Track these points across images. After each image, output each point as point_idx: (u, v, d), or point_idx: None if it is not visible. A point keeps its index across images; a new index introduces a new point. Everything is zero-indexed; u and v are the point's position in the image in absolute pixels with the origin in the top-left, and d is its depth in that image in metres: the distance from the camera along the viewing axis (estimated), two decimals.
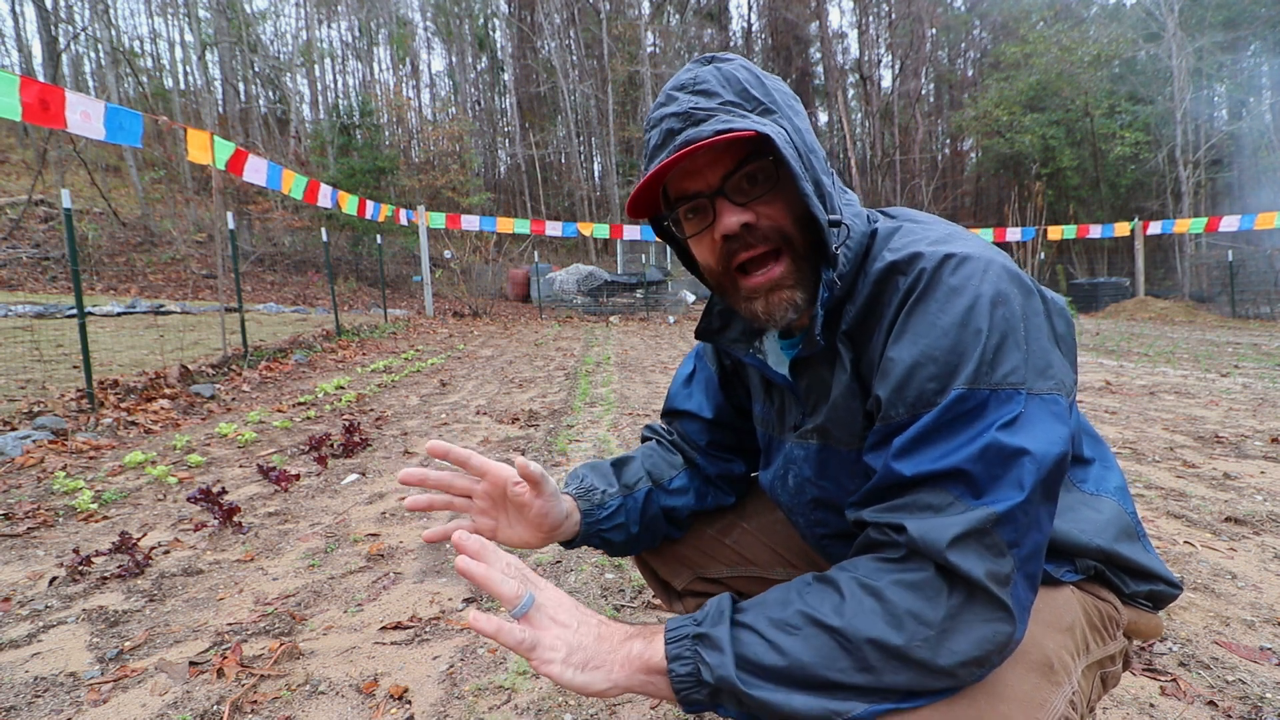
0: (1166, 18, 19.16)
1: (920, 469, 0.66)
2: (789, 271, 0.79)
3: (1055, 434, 0.66)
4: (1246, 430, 3.88)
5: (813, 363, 0.86)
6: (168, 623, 1.86)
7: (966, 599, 0.62)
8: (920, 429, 0.67)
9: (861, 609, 0.64)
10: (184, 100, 27.06)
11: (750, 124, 0.74)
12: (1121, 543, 0.82)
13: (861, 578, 0.66)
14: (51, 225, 17.25)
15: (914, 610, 0.62)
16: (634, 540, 1.06)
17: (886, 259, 0.76)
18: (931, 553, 0.62)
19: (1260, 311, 14.67)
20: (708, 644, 0.67)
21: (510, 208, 30.36)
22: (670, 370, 7.01)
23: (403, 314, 14.83)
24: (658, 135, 0.80)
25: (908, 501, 0.67)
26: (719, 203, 0.79)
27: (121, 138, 5.36)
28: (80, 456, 3.64)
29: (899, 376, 0.70)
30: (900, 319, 0.72)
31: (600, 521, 1.01)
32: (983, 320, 0.67)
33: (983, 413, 0.65)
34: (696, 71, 0.81)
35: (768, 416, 1.00)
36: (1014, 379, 0.66)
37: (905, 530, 0.64)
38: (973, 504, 0.63)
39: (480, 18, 34.24)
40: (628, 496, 1.04)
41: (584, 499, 1.00)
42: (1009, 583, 0.63)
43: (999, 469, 0.64)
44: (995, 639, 0.62)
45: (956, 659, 0.62)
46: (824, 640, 0.64)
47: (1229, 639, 1.67)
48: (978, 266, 0.70)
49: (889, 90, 31.71)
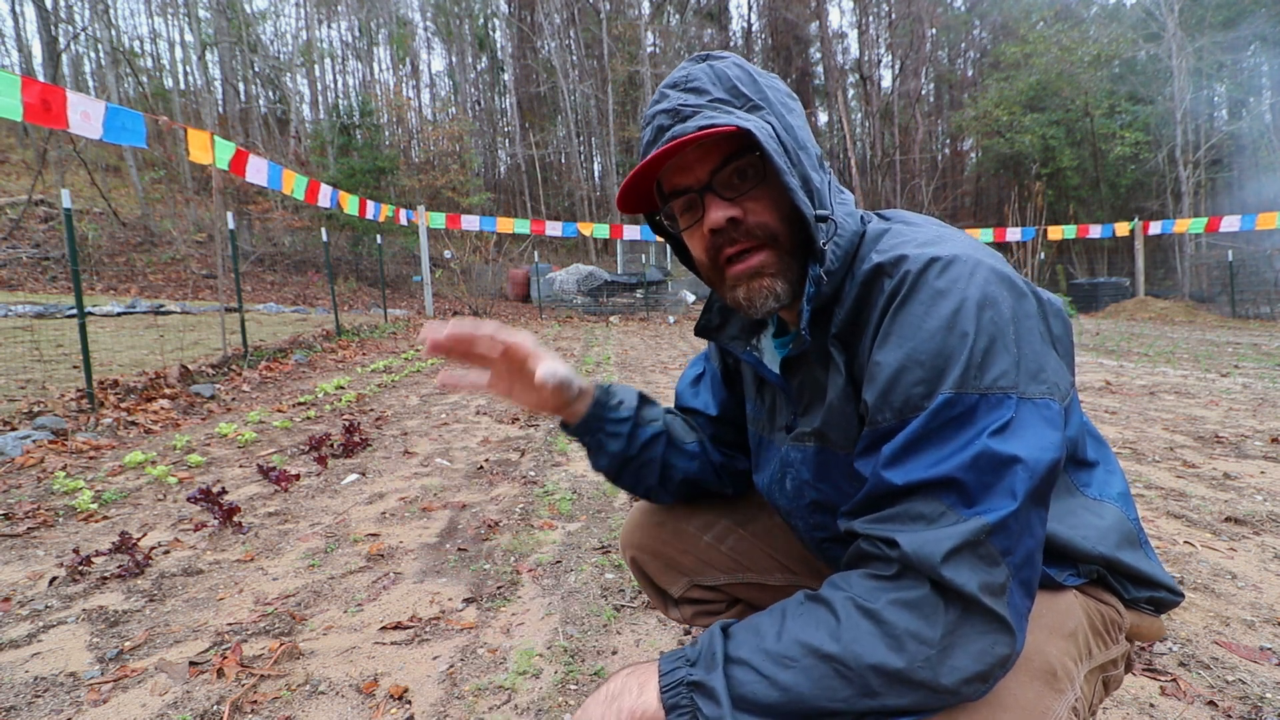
0: (1166, 17, 19.15)
1: (911, 478, 0.65)
2: (769, 261, 0.79)
3: (1047, 440, 0.65)
4: (1246, 430, 3.87)
5: (805, 362, 0.86)
6: (168, 623, 1.86)
7: (962, 614, 0.61)
8: (909, 436, 0.66)
9: (859, 633, 0.62)
10: (184, 100, 27.05)
11: (733, 119, 0.75)
12: (1124, 550, 0.81)
13: (857, 598, 0.64)
14: (51, 225, 17.25)
15: (913, 630, 0.61)
16: (625, 462, 1.05)
17: (873, 260, 0.75)
18: (925, 569, 0.61)
19: (1260, 311, 14.67)
20: (703, 693, 0.65)
21: (510, 208, 30.36)
22: (670, 370, 7.01)
23: (403, 314, 14.83)
24: (650, 132, 0.82)
25: (898, 511, 0.66)
26: (707, 198, 0.79)
27: (124, 138, 5.36)
28: (80, 456, 3.63)
29: (885, 381, 0.69)
30: (885, 322, 0.71)
31: (606, 420, 1.02)
32: (969, 323, 0.66)
33: (972, 418, 0.64)
34: (689, 70, 0.82)
35: (759, 415, 1.00)
36: (1004, 383, 0.65)
37: (898, 545, 0.63)
38: (965, 514, 0.62)
39: (480, 18, 34.23)
40: (640, 425, 1.05)
41: (601, 390, 1.03)
42: (1004, 592, 0.62)
43: (990, 477, 0.63)
44: (995, 652, 0.61)
45: (959, 676, 0.61)
46: (823, 670, 0.62)
47: (1229, 639, 1.67)
48: (964, 269, 0.69)
49: (889, 90, 31.70)
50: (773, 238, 0.79)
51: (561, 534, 2.49)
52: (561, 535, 2.48)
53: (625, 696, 0.68)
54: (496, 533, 2.51)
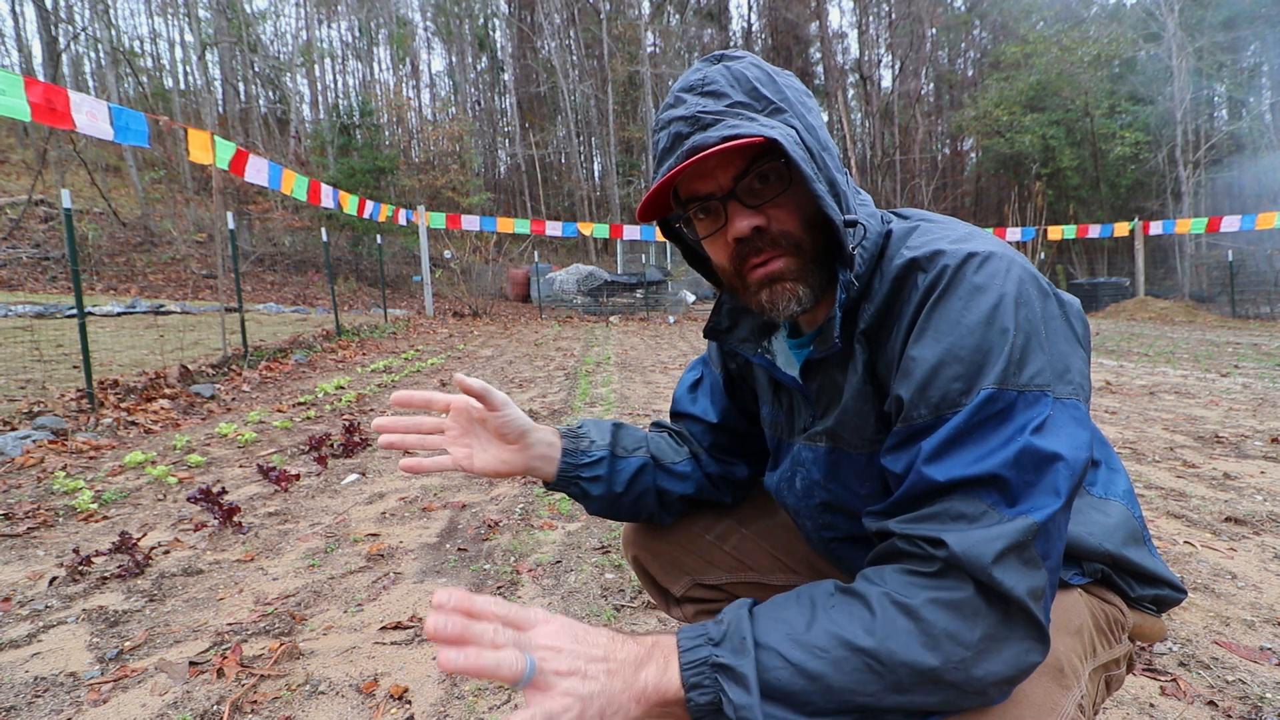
0: (1166, 18, 19.15)
1: (953, 474, 0.63)
2: (792, 265, 0.77)
3: (1080, 439, 0.64)
4: (1246, 430, 3.87)
5: (826, 364, 0.84)
6: (168, 623, 1.86)
7: (1004, 618, 0.60)
8: (950, 431, 0.65)
9: (895, 629, 0.61)
10: (184, 100, 27.07)
11: (758, 128, 0.72)
12: (1129, 547, 0.82)
13: (894, 594, 0.62)
14: (51, 225, 17.26)
15: (951, 631, 0.59)
16: (615, 501, 1.03)
17: (905, 255, 0.74)
18: (974, 569, 0.59)
19: (1260, 311, 14.68)
20: (731, 677, 0.62)
21: (510, 208, 30.36)
22: (670, 370, 7.00)
23: (403, 314, 14.83)
24: (666, 138, 0.79)
25: (939, 510, 0.64)
26: (731, 205, 0.77)
27: (128, 138, 5.37)
28: (80, 456, 3.63)
29: (922, 376, 0.67)
30: (922, 317, 0.70)
31: (580, 467, 0.99)
32: (1009, 319, 0.66)
33: (1011, 415, 0.63)
34: (705, 71, 0.79)
35: (776, 419, 0.98)
36: (1040, 381, 0.64)
37: (945, 544, 0.61)
38: (1008, 513, 0.61)
39: (480, 18, 34.24)
40: (619, 458, 1.02)
41: (569, 439, 1.00)
42: (1042, 597, 0.61)
43: (1033, 475, 0.62)
44: (1028, 659, 0.61)
45: (990, 679, 0.60)
46: (855, 663, 0.61)
47: (1229, 639, 1.67)
48: (1001, 265, 0.69)
49: (889, 90, 31.70)
50: (797, 245, 0.77)
51: (561, 534, 2.49)
52: (561, 535, 2.48)
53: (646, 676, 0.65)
54: (496, 533, 2.51)
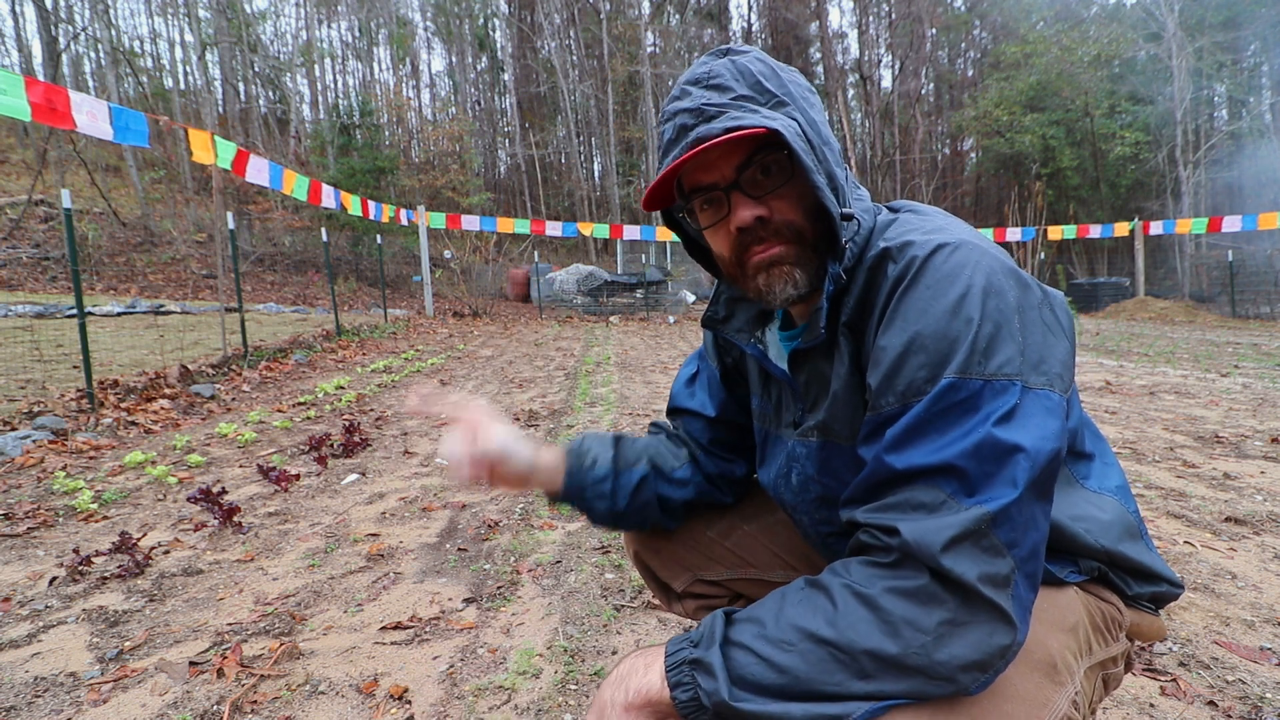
0: (1166, 17, 19.15)
1: (911, 463, 0.65)
2: (790, 251, 0.79)
3: (1049, 429, 0.64)
4: (1246, 430, 3.87)
5: (812, 356, 0.85)
6: (168, 623, 1.86)
7: (962, 603, 0.61)
8: (911, 420, 0.66)
9: (855, 619, 0.63)
10: (184, 100, 27.06)
11: (760, 120, 0.74)
12: (1125, 543, 0.82)
13: (854, 584, 0.65)
14: (51, 225, 17.25)
15: (909, 618, 0.61)
16: (619, 515, 1.06)
17: (879, 246, 0.76)
18: (925, 557, 0.61)
19: (1260, 311, 14.67)
20: (702, 669, 0.67)
21: (510, 208, 30.35)
22: (670, 370, 7.00)
23: (403, 314, 14.83)
24: (671, 130, 0.80)
25: (899, 500, 0.66)
26: (734, 196, 0.79)
27: (128, 138, 5.37)
28: (80, 456, 3.63)
29: (889, 364, 0.69)
30: (891, 306, 0.71)
31: (585, 485, 1.03)
32: (974, 309, 0.66)
33: (977, 404, 0.64)
34: (711, 65, 0.81)
35: (765, 411, 1.00)
36: (1008, 370, 0.65)
37: (898, 533, 0.63)
38: (965, 502, 0.62)
39: (480, 18, 34.23)
40: (621, 472, 1.05)
41: (573, 457, 1.03)
42: (1008, 584, 0.62)
43: (992, 465, 0.62)
44: (992, 642, 0.61)
45: (955, 664, 0.61)
46: (819, 654, 0.63)
47: (1229, 639, 1.67)
48: (971, 255, 0.69)
49: (889, 90, 31.69)
50: (799, 234, 0.79)
51: (561, 534, 2.49)
52: (561, 535, 2.48)
53: (633, 676, 0.71)
54: (496, 533, 2.51)
